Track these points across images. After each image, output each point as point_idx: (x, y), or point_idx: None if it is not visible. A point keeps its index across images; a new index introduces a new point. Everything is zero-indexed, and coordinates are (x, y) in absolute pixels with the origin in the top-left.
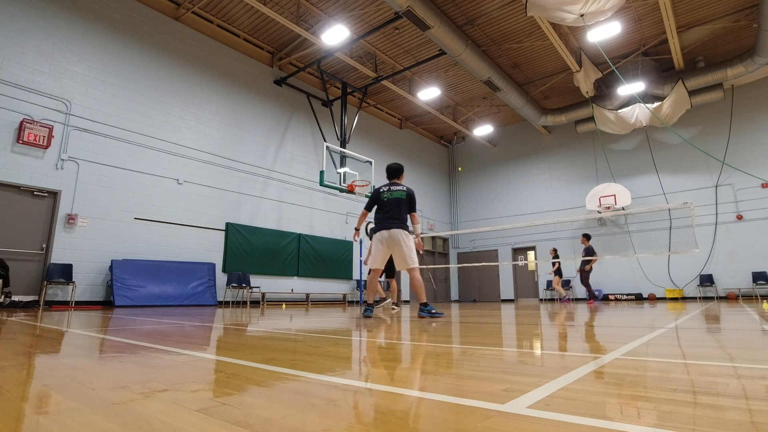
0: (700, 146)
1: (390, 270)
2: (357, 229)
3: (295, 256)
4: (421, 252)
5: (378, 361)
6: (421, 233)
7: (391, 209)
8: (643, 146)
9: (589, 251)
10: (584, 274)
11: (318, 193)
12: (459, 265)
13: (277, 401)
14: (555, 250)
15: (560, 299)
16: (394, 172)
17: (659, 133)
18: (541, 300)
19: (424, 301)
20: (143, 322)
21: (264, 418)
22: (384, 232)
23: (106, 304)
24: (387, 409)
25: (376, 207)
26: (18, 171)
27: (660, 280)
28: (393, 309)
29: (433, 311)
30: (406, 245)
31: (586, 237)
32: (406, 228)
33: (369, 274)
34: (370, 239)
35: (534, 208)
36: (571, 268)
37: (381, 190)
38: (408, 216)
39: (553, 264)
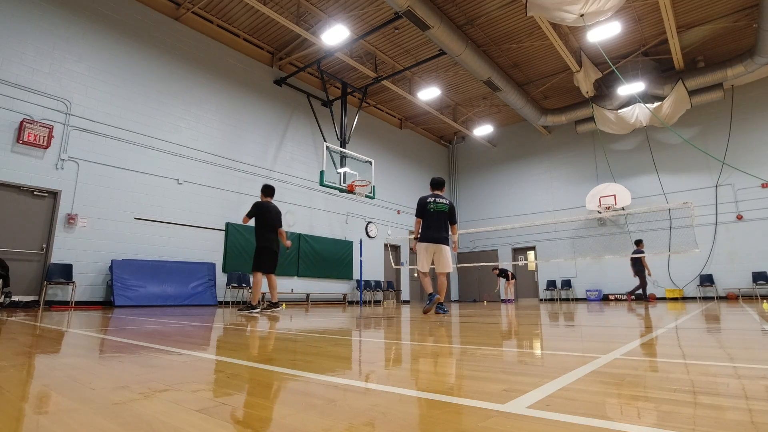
0: (700, 146)
1: (267, 266)
2: (416, 238)
3: (295, 256)
4: (455, 253)
5: (378, 361)
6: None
7: (434, 221)
8: (643, 146)
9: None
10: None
11: (318, 193)
12: (459, 265)
13: (277, 401)
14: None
15: (509, 300)
16: (438, 185)
17: (659, 133)
18: (542, 300)
19: (442, 300)
20: (143, 322)
21: (264, 418)
22: (432, 245)
23: (106, 304)
24: (387, 409)
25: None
26: (18, 171)
27: (660, 280)
28: (250, 312)
29: (445, 309)
30: (448, 256)
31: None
32: (448, 241)
33: (420, 276)
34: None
35: (534, 208)
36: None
37: (427, 200)
38: (449, 227)
39: (497, 267)
